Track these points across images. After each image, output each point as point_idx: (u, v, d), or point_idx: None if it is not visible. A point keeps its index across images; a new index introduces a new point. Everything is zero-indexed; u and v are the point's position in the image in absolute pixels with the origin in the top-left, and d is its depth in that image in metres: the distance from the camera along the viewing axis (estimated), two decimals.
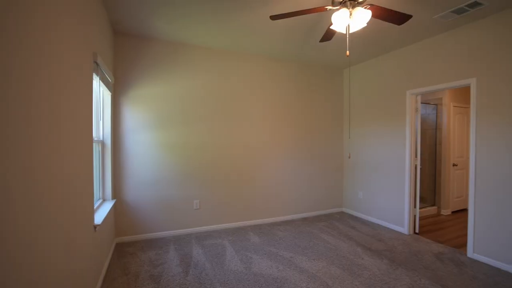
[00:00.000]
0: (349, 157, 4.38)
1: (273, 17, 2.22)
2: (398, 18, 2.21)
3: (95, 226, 2.13)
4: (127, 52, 3.29)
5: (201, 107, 3.70)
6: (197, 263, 2.76)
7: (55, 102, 1.34)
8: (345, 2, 2.02)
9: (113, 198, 3.13)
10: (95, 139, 2.70)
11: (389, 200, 3.93)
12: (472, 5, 2.54)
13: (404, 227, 3.70)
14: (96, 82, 2.39)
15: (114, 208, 3.21)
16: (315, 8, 2.12)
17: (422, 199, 5.00)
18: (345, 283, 2.39)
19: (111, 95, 3.09)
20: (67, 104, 1.52)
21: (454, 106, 4.74)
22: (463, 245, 3.26)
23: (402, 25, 2.98)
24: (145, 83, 3.38)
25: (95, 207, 2.51)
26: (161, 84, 3.47)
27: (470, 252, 2.95)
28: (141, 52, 3.36)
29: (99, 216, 2.35)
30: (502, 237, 2.69)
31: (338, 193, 4.83)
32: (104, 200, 2.99)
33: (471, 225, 2.94)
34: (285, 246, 3.21)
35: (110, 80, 2.85)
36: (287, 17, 2.20)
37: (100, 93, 2.88)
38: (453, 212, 4.77)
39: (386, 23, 2.91)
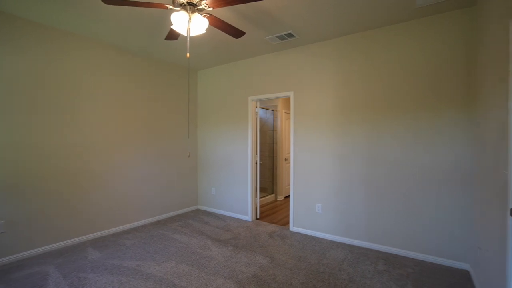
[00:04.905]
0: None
1: (106, 1, 1.97)
2: (233, 32, 2.52)
3: None
4: None
5: (15, 96, 2.77)
6: None
7: None
8: (185, 5, 2.08)
9: None
10: None
11: (237, 193, 4.43)
12: (288, 35, 3.28)
13: (248, 216, 4.28)
14: None
15: None
16: (155, 3, 2.06)
17: (264, 189, 5.98)
18: (192, 278, 2.47)
19: None
20: None
21: (285, 112, 5.96)
22: (288, 222, 4.17)
23: (244, 39, 3.43)
24: None
25: None
26: None
27: (292, 227, 3.80)
28: None
29: None
30: (305, 210, 3.63)
31: (193, 192, 4.95)
32: None
33: (292, 206, 3.80)
34: (132, 255, 2.94)
35: None
36: (123, 5, 2.01)
37: None
38: (285, 197, 6.00)
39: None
